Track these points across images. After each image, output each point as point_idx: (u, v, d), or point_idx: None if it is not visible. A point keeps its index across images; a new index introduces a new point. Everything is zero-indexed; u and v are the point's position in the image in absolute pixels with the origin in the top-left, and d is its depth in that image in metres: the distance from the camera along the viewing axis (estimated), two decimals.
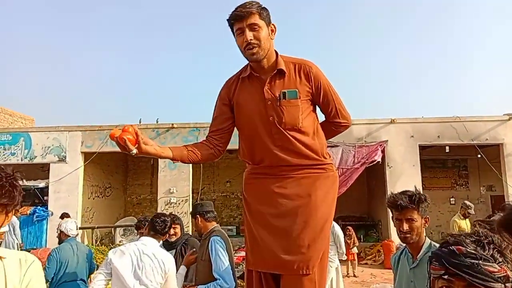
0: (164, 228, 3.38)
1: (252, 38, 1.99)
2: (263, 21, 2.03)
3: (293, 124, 2.06)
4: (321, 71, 2.17)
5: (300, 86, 2.09)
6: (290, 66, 2.12)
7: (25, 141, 12.77)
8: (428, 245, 2.28)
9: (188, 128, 12.41)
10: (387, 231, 11.76)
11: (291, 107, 2.06)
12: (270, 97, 2.07)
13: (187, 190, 12.10)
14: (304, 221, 2.03)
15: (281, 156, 2.07)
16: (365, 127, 11.76)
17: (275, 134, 2.07)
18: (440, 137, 11.65)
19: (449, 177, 15.51)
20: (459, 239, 1.11)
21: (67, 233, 4.64)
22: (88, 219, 13.19)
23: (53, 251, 4.59)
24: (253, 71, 2.13)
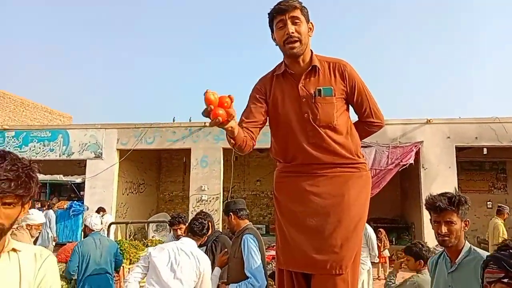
0: (202, 229, 3.49)
1: (293, 31, 2.00)
2: (304, 17, 2.05)
3: (327, 122, 2.05)
4: (355, 71, 2.16)
5: (334, 84, 2.09)
6: (325, 65, 2.12)
7: (63, 138, 13.19)
8: (468, 249, 2.21)
9: None
10: (420, 234, 11.49)
11: (326, 104, 2.06)
12: (304, 94, 2.07)
13: (218, 188, 12.21)
14: (337, 220, 2.00)
15: (314, 153, 2.05)
16: (400, 127, 11.52)
17: (310, 131, 2.06)
18: (478, 138, 11.28)
19: (486, 180, 15.00)
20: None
21: (91, 227, 4.75)
22: (122, 214, 13.51)
23: (76, 245, 4.71)
24: (287, 68, 2.12)
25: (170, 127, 12.85)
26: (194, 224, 3.47)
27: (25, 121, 19.16)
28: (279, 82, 2.15)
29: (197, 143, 12.51)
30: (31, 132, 13.46)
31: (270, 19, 2.08)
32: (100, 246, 4.67)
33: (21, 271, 1.32)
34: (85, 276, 4.51)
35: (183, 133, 12.62)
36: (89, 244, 4.64)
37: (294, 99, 2.09)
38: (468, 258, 2.16)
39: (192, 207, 12.06)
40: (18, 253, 1.35)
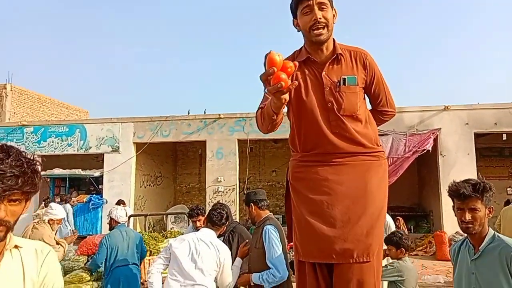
0: (221, 219, 3.50)
1: (321, 17, 1.95)
2: (330, 2, 2.01)
3: (351, 111, 2.04)
4: (374, 60, 2.15)
5: (357, 73, 2.07)
6: (346, 53, 2.09)
7: (80, 132, 13.37)
8: (492, 236, 2.17)
9: (235, 118, 12.53)
10: (439, 222, 11.39)
11: (351, 93, 2.04)
12: (328, 83, 2.04)
13: (234, 180, 12.25)
14: (362, 208, 1.98)
15: (337, 143, 2.03)
16: (417, 114, 11.38)
17: (333, 121, 2.03)
18: (497, 124, 11.08)
19: (506, 166, 14.76)
20: None
21: (117, 220, 4.84)
22: (140, 207, 13.67)
23: (104, 238, 4.80)
24: (310, 55, 2.07)
25: (185, 119, 12.91)
26: (213, 215, 3.49)
27: (42, 117, 19.45)
28: (301, 69, 2.06)
29: (212, 135, 12.55)
30: (49, 128, 13.66)
31: (295, 4, 2.03)
32: (127, 238, 4.76)
33: (24, 269, 1.29)
34: (113, 268, 4.61)
35: (198, 125, 12.68)
36: (117, 237, 4.72)
37: (317, 87, 2.05)
38: (492, 245, 2.13)
39: (209, 198, 12.14)
40: (20, 250, 1.30)
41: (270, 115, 1.83)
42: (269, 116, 1.84)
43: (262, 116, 1.94)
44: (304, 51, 2.10)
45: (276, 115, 1.82)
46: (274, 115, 1.81)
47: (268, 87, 1.56)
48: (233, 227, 4.05)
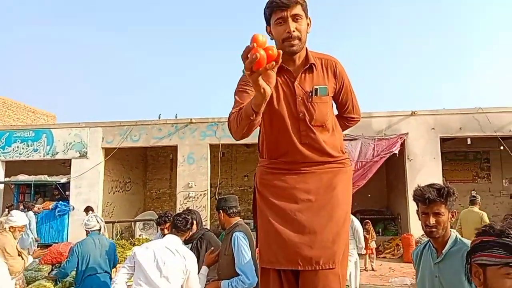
0: (186, 224, 3.47)
1: (294, 30, 1.92)
2: (304, 12, 1.97)
3: (322, 121, 2.05)
4: (344, 68, 2.16)
5: (328, 83, 2.07)
6: (317, 61, 2.08)
7: (47, 137, 13.03)
8: (454, 239, 2.21)
9: (207, 123, 12.48)
10: (406, 224, 11.63)
11: (322, 104, 2.04)
12: (301, 93, 2.02)
13: (205, 185, 12.18)
14: (328, 216, 2.01)
15: (306, 153, 2.04)
16: (385, 119, 11.62)
17: (303, 131, 2.03)
18: (462, 129, 11.43)
19: (470, 170, 15.23)
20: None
21: (86, 228, 4.74)
22: (109, 214, 13.41)
23: (76, 245, 4.70)
24: (283, 64, 2.01)
25: (156, 124, 12.77)
26: (177, 220, 3.47)
27: (8, 122, 18.84)
28: None
29: (184, 139, 12.45)
30: (14, 133, 13.26)
31: (269, 12, 1.98)
32: (99, 245, 4.66)
33: None
34: (85, 276, 4.51)
35: (169, 130, 12.56)
36: (89, 244, 4.62)
37: (290, 97, 2.03)
38: (455, 248, 2.18)
39: (180, 204, 12.02)
40: None
41: (248, 115, 1.68)
42: (247, 115, 1.69)
43: (238, 118, 1.78)
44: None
45: (255, 115, 1.66)
46: (253, 115, 1.66)
47: (246, 63, 1.44)
48: (202, 234, 4.01)
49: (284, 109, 2.03)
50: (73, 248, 4.64)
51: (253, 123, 1.73)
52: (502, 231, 1.34)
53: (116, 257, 4.94)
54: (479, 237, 1.40)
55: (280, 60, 1.49)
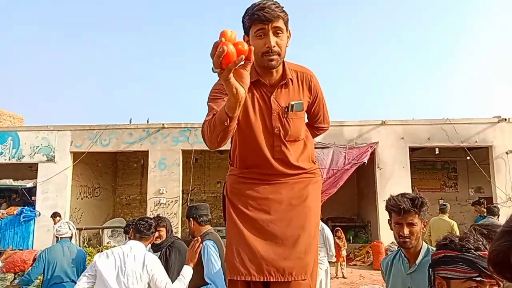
0: (149, 229, 3.39)
1: (275, 45, 1.85)
2: (285, 26, 1.90)
3: (296, 137, 2.05)
4: (318, 81, 2.15)
5: (303, 97, 2.06)
6: (293, 74, 2.04)
7: (13, 140, 12.62)
8: (426, 249, 2.21)
9: (179, 128, 12.36)
10: (376, 232, 11.80)
11: (297, 119, 2.03)
12: (277, 108, 1.99)
13: (177, 191, 12.03)
14: (301, 227, 1.99)
15: (279, 168, 2.03)
16: (356, 128, 11.79)
17: (276, 147, 2.02)
18: (430, 139, 11.72)
19: (438, 179, 15.62)
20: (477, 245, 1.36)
21: (56, 234, 4.62)
22: (77, 220, 13.06)
23: (43, 251, 4.59)
24: (260, 78, 1.98)
25: (127, 128, 12.55)
26: (140, 224, 3.39)
27: None
28: (250, 90, 1.92)
29: (155, 145, 12.29)
30: None
31: (249, 23, 1.88)
32: (68, 253, 4.54)
33: None
34: (50, 284, 4.39)
35: (140, 134, 12.37)
36: (57, 251, 4.50)
37: (265, 111, 1.99)
38: (427, 258, 2.17)
39: (150, 210, 11.82)
40: None
41: (222, 120, 1.59)
42: (221, 121, 1.60)
43: (211, 125, 1.70)
44: (254, 71, 1.96)
45: (229, 120, 1.58)
46: (227, 120, 1.58)
47: (214, 58, 1.37)
48: (171, 242, 3.95)
49: (259, 124, 1.99)
50: (40, 254, 4.53)
51: (228, 129, 1.64)
52: (463, 245, 1.40)
53: (85, 266, 4.81)
54: (442, 251, 1.47)
55: (253, 58, 1.45)
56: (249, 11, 1.87)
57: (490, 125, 11.68)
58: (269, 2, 1.85)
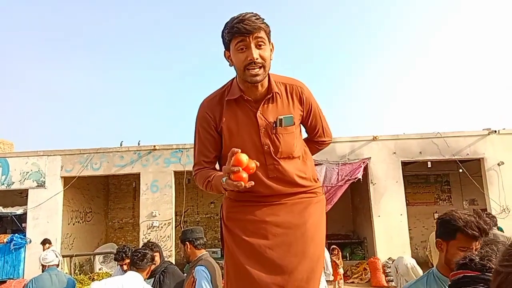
0: (143, 260, 3.37)
1: (258, 57, 1.76)
2: (267, 37, 1.81)
3: (288, 153, 1.92)
4: (311, 92, 2.04)
5: (293, 110, 1.93)
6: (281, 88, 1.93)
7: (2, 166, 12.45)
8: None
9: (171, 149, 12.28)
10: (372, 248, 11.71)
11: (287, 134, 1.90)
12: (264, 124, 1.88)
13: (170, 213, 11.89)
14: (302, 251, 1.85)
15: (275, 187, 1.90)
16: (348, 144, 11.81)
17: (270, 165, 1.90)
18: (422, 153, 11.76)
19: (432, 192, 15.63)
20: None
21: (42, 262, 4.48)
22: (68, 246, 12.83)
23: (30, 281, 4.44)
24: (243, 94, 1.88)
25: (118, 151, 12.45)
26: (135, 256, 3.38)
27: None
28: (231, 109, 1.89)
29: (147, 167, 12.19)
30: None
31: (228, 36, 1.79)
32: (56, 282, 4.39)
33: None
34: None
35: (131, 157, 12.27)
36: (45, 281, 4.35)
37: (252, 129, 1.88)
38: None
39: (143, 234, 11.65)
40: None
41: (219, 191, 1.70)
42: (218, 191, 1.72)
43: (207, 186, 1.80)
44: (237, 87, 1.90)
45: (227, 192, 1.73)
46: (225, 192, 1.71)
47: (228, 180, 1.53)
48: (165, 267, 3.87)
49: (247, 143, 1.87)
50: (27, 285, 4.37)
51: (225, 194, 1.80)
52: (484, 265, 1.32)
53: None
54: (461, 271, 1.38)
55: (258, 165, 1.58)
56: (228, 25, 1.79)
57: (481, 137, 11.77)
58: (248, 14, 1.77)
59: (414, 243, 14.19)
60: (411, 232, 12.57)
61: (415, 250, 13.80)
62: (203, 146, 1.93)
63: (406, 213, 11.47)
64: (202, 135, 1.93)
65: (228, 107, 1.90)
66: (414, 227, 14.73)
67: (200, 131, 1.95)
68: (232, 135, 1.89)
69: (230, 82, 1.96)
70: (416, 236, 14.73)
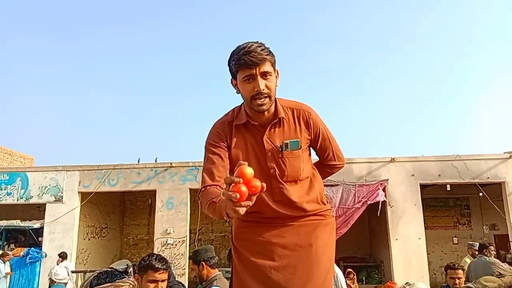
0: None
1: (264, 88, 1.82)
2: (273, 67, 1.88)
3: (295, 177, 1.93)
4: (319, 116, 2.06)
5: (300, 135, 1.96)
6: (288, 112, 1.97)
7: (22, 180, 12.67)
8: None
9: (187, 167, 12.33)
10: (389, 272, 11.44)
11: (294, 158, 1.93)
12: (270, 148, 1.91)
13: (184, 231, 11.86)
14: (306, 274, 1.85)
15: (280, 211, 1.91)
16: (365, 165, 11.67)
17: (276, 188, 1.91)
18: (441, 175, 11.55)
19: (451, 216, 15.30)
20: None
21: (53, 277, 4.48)
22: (83, 261, 12.88)
23: None
24: (250, 119, 1.94)
25: (135, 168, 12.56)
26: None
27: None
28: (240, 132, 1.96)
29: (163, 184, 12.24)
30: None
31: (235, 68, 1.85)
32: None
33: None
34: None
35: (148, 174, 12.35)
36: None
37: (258, 152, 1.93)
38: None
39: (157, 251, 11.62)
40: None
41: (221, 216, 1.64)
42: (220, 216, 1.65)
43: (210, 205, 1.70)
44: (244, 113, 1.96)
45: (229, 219, 1.67)
46: (227, 219, 1.68)
47: (225, 191, 1.45)
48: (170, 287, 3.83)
49: (254, 166, 1.83)
50: None
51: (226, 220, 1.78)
52: None
53: None
54: None
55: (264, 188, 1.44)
56: (235, 56, 1.84)
57: (502, 160, 11.52)
58: (254, 44, 1.82)
59: (432, 268, 13.84)
60: (429, 257, 12.26)
61: (433, 275, 13.44)
62: (212, 163, 1.92)
63: (424, 237, 11.21)
64: (212, 152, 1.94)
65: (236, 130, 1.97)
66: (433, 251, 14.39)
67: (210, 148, 1.96)
68: (238, 156, 1.92)
69: (238, 107, 2.03)
70: (434, 260, 14.37)
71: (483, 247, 6.58)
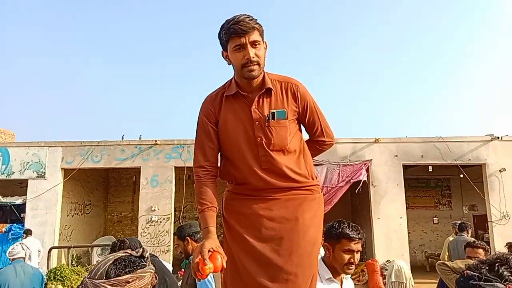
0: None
1: (254, 56, 1.92)
2: (261, 37, 1.97)
3: (281, 146, 1.99)
4: (307, 90, 2.12)
5: (287, 106, 2.03)
6: (277, 85, 2.05)
7: (2, 156, 12.44)
8: None
9: (172, 145, 12.27)
10: (371, 250, 11.69)
11: (280, 127, 1.99)
12: (258, 117, 1.98)
13: (169, 208, 11.87)
14: (291, 246, 1.91)
15: (268, 179, 1.97)
16: (350, 146, 11.78)
17: (262, 157, 1.97)
18: (424, 156, 11.72)
19: (432, 197, 15.62)
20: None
21: (8, 255, 4.51)
22: (67, 237, 12.84)
23: None
24: (240, 90, 2.02)
25: (119, 145, 12.44)
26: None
27: None
28: (229, 103, 2.04)
29: (147, 161, 12.17)
30: None
31: (226, 38, 1.95)
32: (21, 274, 4.39)
33: None
34: None
35: (132, 151, 12.25)
36: (8, 273, 4.38)
37: (246, 122, 2.00)
38: None
39: (142, 228, 11.65)
40: None
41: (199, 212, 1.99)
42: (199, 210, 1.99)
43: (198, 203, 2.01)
44: (234, 84, 2.05)
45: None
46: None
47: (193, 264, 1.72)
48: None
49: (242, 135, 2.00)
50: None
51: None
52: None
53: (42, 286, 4.68)
54: None
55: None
56: (224, 27, 1.96)
57: (483, 143, 11.73)
58: (242, 15, 1.93)
59: (413, 246, 14.18)
60: (409, 236, 12.54)
61: (413, 253, 13.78)
62: (202, 142, 2.06)
63: (405, 216, 11.44)
64: (204, 127, 2.07)
65: (226, 101, 2.06)
66: (413, 230, 14.72)
67: (201, 125, 2.08)
68: (227, 127, 2.02)
69: (229, 81, 2.11)
70: (414, 239, 14.71)
71: (464, 227, 6.95)
